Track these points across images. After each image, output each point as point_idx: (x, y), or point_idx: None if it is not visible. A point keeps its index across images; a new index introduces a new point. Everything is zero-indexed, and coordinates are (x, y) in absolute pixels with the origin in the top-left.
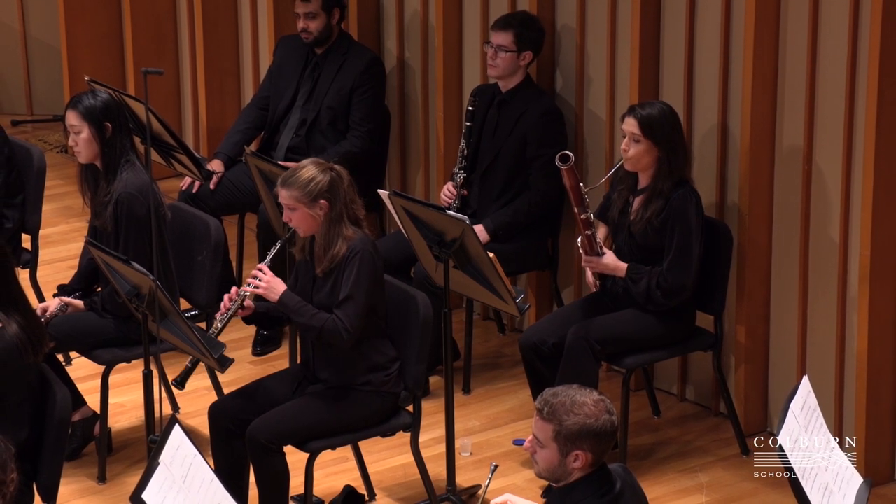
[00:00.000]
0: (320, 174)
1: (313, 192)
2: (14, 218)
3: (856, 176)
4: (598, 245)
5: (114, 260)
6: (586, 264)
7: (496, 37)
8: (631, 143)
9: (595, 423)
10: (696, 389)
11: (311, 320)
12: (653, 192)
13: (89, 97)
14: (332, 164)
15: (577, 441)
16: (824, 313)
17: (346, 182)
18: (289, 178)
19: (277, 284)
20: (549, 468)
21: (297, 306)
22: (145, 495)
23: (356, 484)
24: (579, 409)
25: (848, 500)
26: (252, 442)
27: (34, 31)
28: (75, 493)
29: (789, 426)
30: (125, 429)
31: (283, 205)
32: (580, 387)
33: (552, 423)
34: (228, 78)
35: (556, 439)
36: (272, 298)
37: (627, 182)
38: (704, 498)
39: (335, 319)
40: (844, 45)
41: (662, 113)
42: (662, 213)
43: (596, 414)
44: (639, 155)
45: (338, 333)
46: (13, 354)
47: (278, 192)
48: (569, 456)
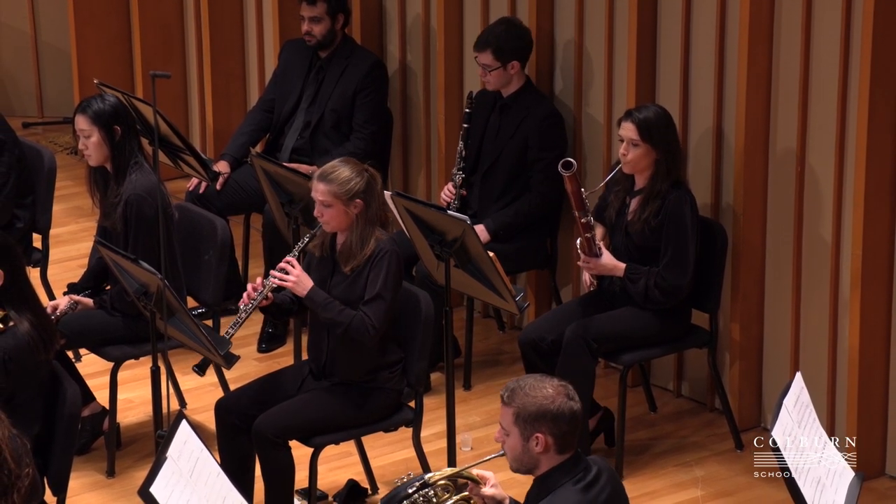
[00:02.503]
0: (357, 175)
1: (351, 192)
2: (25, 218)
3: (848, 177)
4: (596, 246)
5: (122, 259)
6: (584, 265)
7: (478, 57)
8: (629, 147)
9: (552, 405)
10: (691, 386)
11: (338, 316)
12: (650, 194)
13: (98, 101)
14: (367, 165)
15: (535, 423)
16: (817, 311)
17: (380, 185)
18: (328, 175)
19: (306, 279)
20: (515, 456)
21: (324, 302)
22: (153, 489)
23: (359, 478)
24: (537, 392)
25: (840, 493)
26: (258, 437)
27: (45, 36)
28: (85, 486)
29: (783, 421)
30: (133, 424)
31: (318, 200)
32: (543, 376)
33: (512, 407)
34: (234, 81)
35: (517, 422)
36: (300, 293)
37: (624, 183)
38: (700, 492)
39: (363, 316)
40: (836, 50)
41: (658, 116)
42: (659, 214)
43: (553, 397)
44: (637, 158)
45: (365, 330)
46: (25, 352)
47: (314, 187)
48: (530, 440)
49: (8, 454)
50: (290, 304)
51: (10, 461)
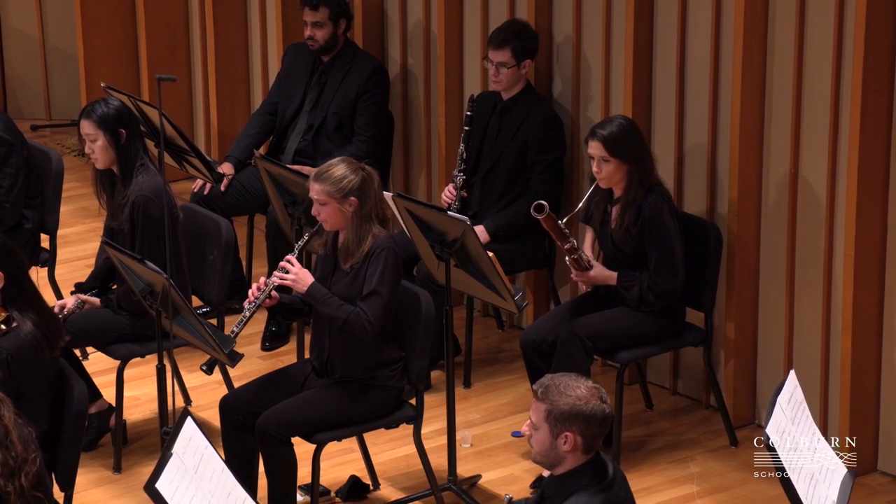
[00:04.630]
0: (352, 173)
1: (345, 190)
2: (33, 218)
3: (840, 180)
4: (585, 261)
5: (129, 259)
6: (577, 278)
7: (495, 55)
8: (601, 164)
9: (585, 406)
10: (687, 383)
11: (336, 311)
12: (626, 203)
13: (102, 105)
14: (364, 164)
15: (566, 422)
16: (810, 311)
17: (377, 183)
18: (322, 174)
19: (306, 276)
20: (541, 450)
21: (324, 297)
22: (159, 484)
23: (361, 474)
24: (572, 392)
25: (833, 489)
26: (262, 433)
27: (53, 40)
28: (92, 482)
29: (777, 418)
30: (139, 421)
31: (315, 199)
32: (578, 376)
33: (545, 403)
34: (238, 84)
35: (548, 419)
36: (301, 290)
37: (602, 194)
38: (695, 487)
39: (359, 312)
40: (829, 55)
41: (622, 128)
42: (638, 221)
43: (587, 398)
44: (610, 174)
45: (361, 325)
46: (28, 352)
47: (310, 187)
48: (559, 437)
49: (15, 436)
50: (301, 304)
51: (17, 444)
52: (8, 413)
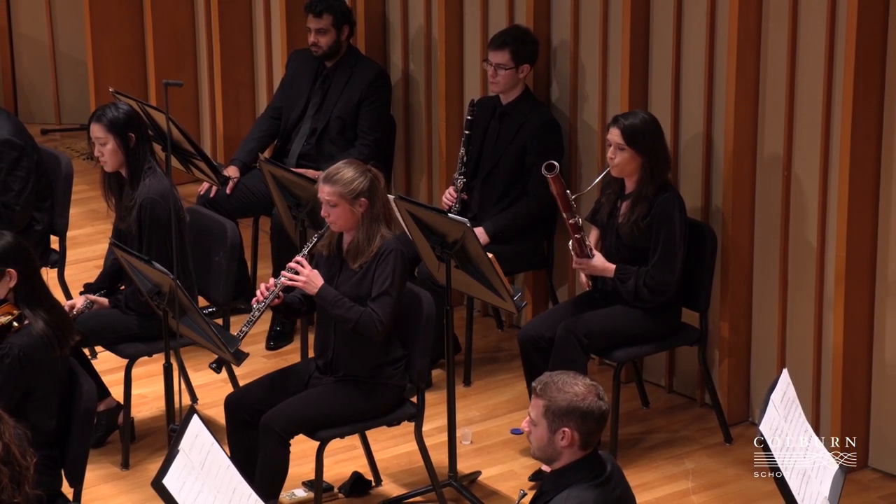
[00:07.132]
0: (361, 175)
1: (356, 191)
2: (43, 221)
3: (832, 181)
4: (587, 247)
5: (136, 260)
6: (577, 266)
7: (494, 56)
8: (616, 151)
9: (582, 403)
10: (682, 382)
11: (348, 312)
12: (638, 197)
13: (112, 109)
14: (370, 166)
15: (564, 418)
16: (803, 310)
17: (383, 184)
18: (333, 176)
19: (316, 278)
20: (539, 446)
21: (334, 299)
22: (166, 480)
23: (363, 470)
24: (569, 388)
25: (825, 485)
26: (266, 431)
27: (62, 46)
28: (100, 478)
29: (770, 416)
30: (147, 418)
31: (325, 200)
32: (576, 373)
33: (544, 399)
34: (243, 89)
35: (546, 415)
36: (311, 291)
37: (615, 187)
38: (690, 483)
39: (371, 313)
40: (822, 58)
41: (644, 122)
42: (647, 216)
43: (585, 395)
44: (623, 162)
45: (372, 325)
46: (39, 349)
47: (320, 188)
48: (557, 433)
49: (17, 453)
50: (300, 304)
51: (19, 459)
52: (7, 431)
